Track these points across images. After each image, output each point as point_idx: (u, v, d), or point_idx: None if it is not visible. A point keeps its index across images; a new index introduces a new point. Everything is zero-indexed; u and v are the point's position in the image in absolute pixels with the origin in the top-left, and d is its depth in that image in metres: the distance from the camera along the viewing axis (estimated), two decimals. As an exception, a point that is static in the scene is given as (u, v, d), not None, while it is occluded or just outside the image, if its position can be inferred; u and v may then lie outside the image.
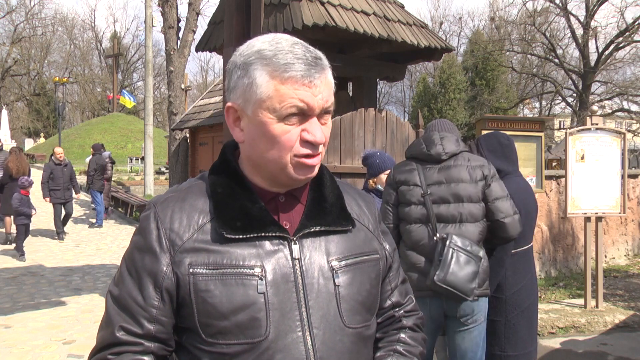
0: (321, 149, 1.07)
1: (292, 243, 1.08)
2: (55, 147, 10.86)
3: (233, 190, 1.10)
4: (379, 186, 3.84)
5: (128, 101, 34.56)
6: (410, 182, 2.82)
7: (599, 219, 5.79)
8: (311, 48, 1.07)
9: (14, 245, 9.43)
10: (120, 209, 14.68)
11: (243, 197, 1.09)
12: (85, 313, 5.71)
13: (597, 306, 5.63)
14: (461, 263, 2.60)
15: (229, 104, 1.09)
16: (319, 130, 1.05)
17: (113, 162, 13.78)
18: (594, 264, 5.98)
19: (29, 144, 36.85)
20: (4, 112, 27.25)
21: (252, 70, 1.03)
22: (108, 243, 10.11)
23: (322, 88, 1.04)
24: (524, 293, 3.06)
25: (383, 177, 3.83)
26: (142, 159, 19.95)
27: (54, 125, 40.82)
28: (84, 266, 8.09)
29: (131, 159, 26.12)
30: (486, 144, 3.17)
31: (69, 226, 11.88)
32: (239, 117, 1.08)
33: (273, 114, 1.02)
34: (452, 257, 2.59)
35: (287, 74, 1.01)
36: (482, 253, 2.70)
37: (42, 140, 37.27)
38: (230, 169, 1.13)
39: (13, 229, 9.24)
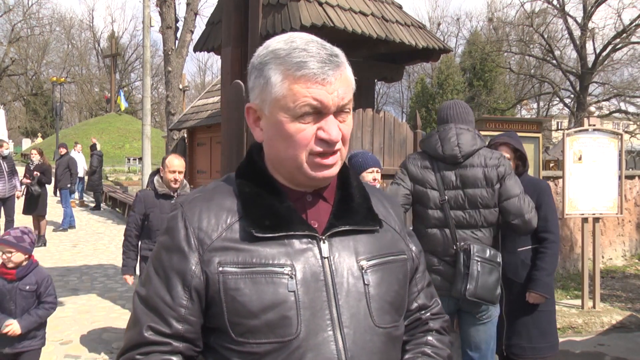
0: (339, 146, 1.05)
1: (321, 242, 1.07)
2: (171, 155, 4.40)
3: (260, 189, 1.10)
4: None
5: (122, 103, 34.78)
6: (426, 184, 2.76)
7: (596, 219, 5.81)
8: (327, 45, 1.05)
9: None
10: (118, 210, 14.66)
11: (271, 197, 1.09)
12: (83, 314, 5.70)
13: (594, 307, 5.64)
14: (486, 274, 2.65)
15: (248, 104, 1.10)
16: (335, 129, 1.03)
17: None
18: (591, 265, 5.99)
19: (26, 144, 36.76)
20: (2, 111, 27.15)
21: (267, 70, 1.04)
22: (106, 243, 10.09)
23: (337, 85, 1.02)
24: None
25: (365, 175, 3.65)
26: (130, 160, 19.78)
27: (52, 125, 40.69)
28: (82, 266, 8.07)
29: (129, 159, 26.20)
30: (518, 142, 3.29)
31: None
32: (259, 117, 1.09)
33: (287, 112, 1.02)
34: (478, 270, 2.63)
35: (300, 72, 1.00)
36: (499, 257, 2.75)
37: (39, 140, 37.16)
38: (257, 169, 1.13)
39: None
